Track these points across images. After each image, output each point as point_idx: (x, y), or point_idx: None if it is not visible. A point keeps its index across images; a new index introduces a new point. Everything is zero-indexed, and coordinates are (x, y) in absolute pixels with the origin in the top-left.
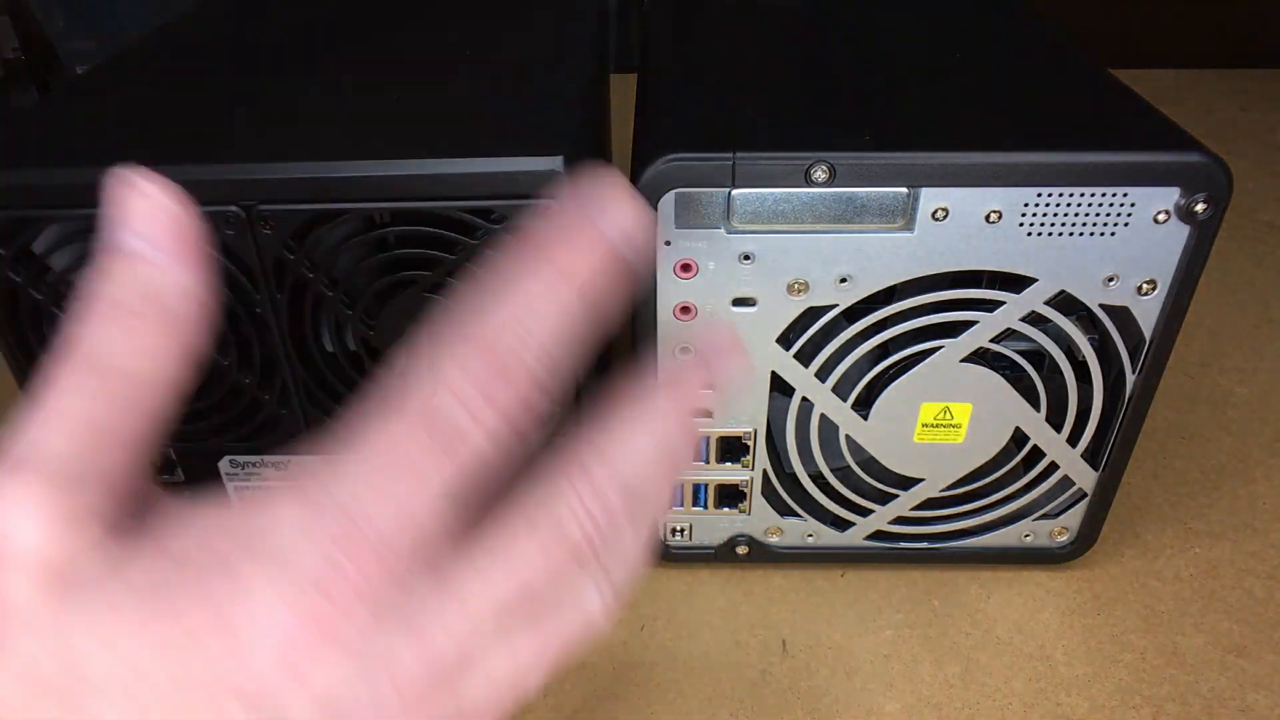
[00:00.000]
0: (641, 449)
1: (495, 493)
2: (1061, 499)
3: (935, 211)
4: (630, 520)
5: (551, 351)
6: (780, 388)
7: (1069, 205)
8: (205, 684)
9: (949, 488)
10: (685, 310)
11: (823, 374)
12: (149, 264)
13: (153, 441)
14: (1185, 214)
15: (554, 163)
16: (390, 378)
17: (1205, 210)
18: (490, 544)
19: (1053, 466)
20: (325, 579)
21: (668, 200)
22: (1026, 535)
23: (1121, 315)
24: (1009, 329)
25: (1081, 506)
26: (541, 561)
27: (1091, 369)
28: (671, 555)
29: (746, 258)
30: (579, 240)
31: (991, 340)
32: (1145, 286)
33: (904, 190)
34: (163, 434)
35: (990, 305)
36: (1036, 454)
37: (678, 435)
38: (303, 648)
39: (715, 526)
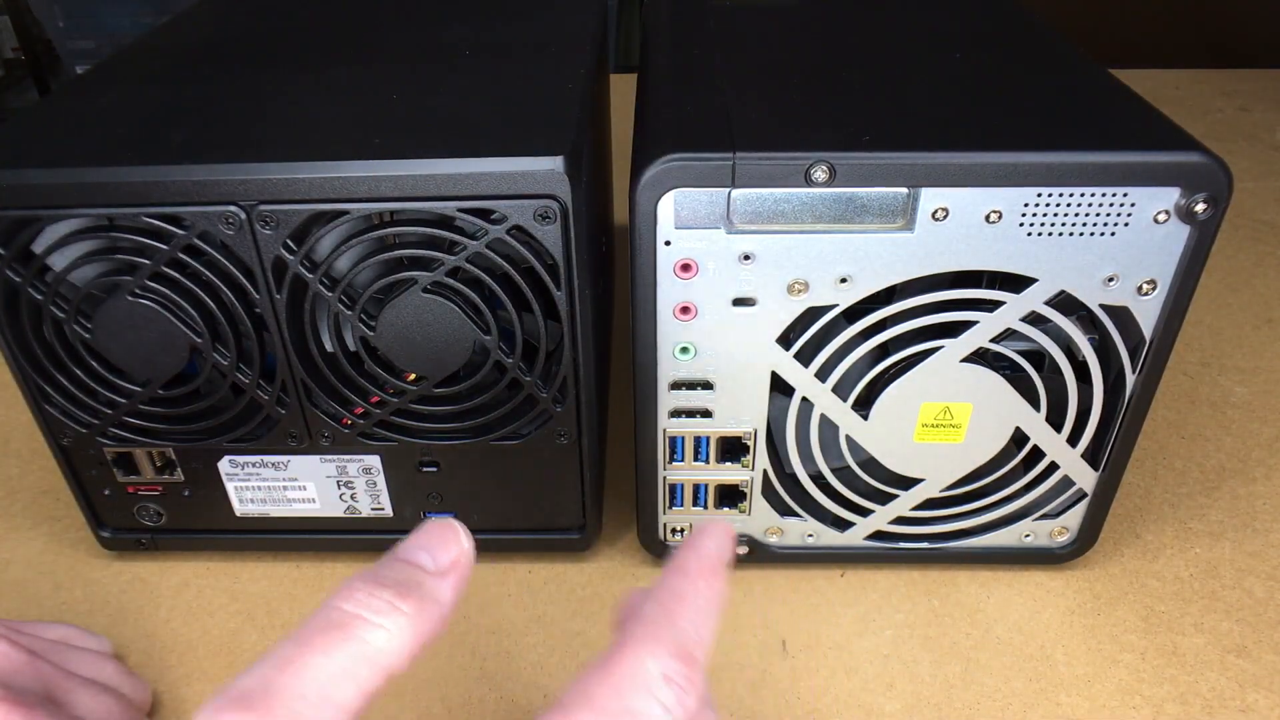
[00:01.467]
0: (693, 619)
1: None
2: (1061, 499)
3: (935, 211)
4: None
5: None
6: (780, 388)
7: (1069, 205)
8: None
9: (949, 488)
10: (685, 310)
11: (823, 374)
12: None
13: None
14: (1185, 214)
15: (554, 163)
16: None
17: (1205, 210)
18: None
19: (1053, 466)
20: None
21: (668, 200)
22: (1026, 535)
23: (1121, 315)
24: (1009, 329)
25: (1081, 506)
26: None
27: (1091, 369)
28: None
29: (746, 258)
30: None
31: (991, 340)
32: (1145, 286)
33: (904, 190)
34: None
35: (990, 305)
36: (1036, 454)
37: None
38: None
39: None
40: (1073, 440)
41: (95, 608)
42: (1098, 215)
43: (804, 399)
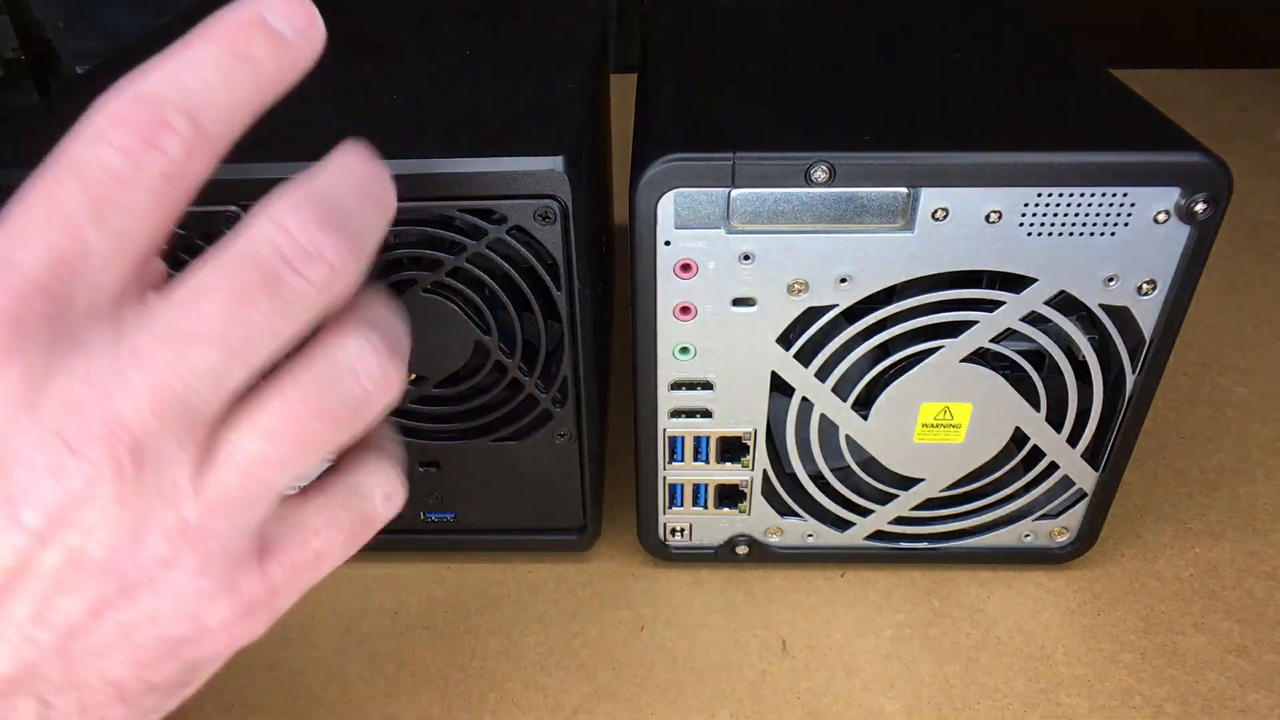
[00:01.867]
0: (332, 171)
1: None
2: (1061, 499)
3: (935, 211)
4: (345, 236)
5: (203, 99)
6: (780, 388)
7: (1069, 205)
8: None
9: (949, 488)
10: (685, 310)
11: (823, 374)
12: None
13: None
14: (1185, 214)
15: (554, 163)
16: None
17: (1205, 210)
18: (172, 284)
19: (1053, 466)
20: None
21: (668, 200)
22: (1026, 535)
23: (1121, 315)
24: (1009, 329)
25: (1081, 506)
26: (230, 283)
27: (1091, 369)
28: (671, 555)
29: (746, 258)
30: (239, 15)
31: (991, 340)
32: (1145, 286)
33: (904, 190)
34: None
35: (990, 305)
36: (1036, 454)
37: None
38: None
39: (715, 526)
40: (1073, 440)
41: None
42: (1098, 215)
43: (804, 399)
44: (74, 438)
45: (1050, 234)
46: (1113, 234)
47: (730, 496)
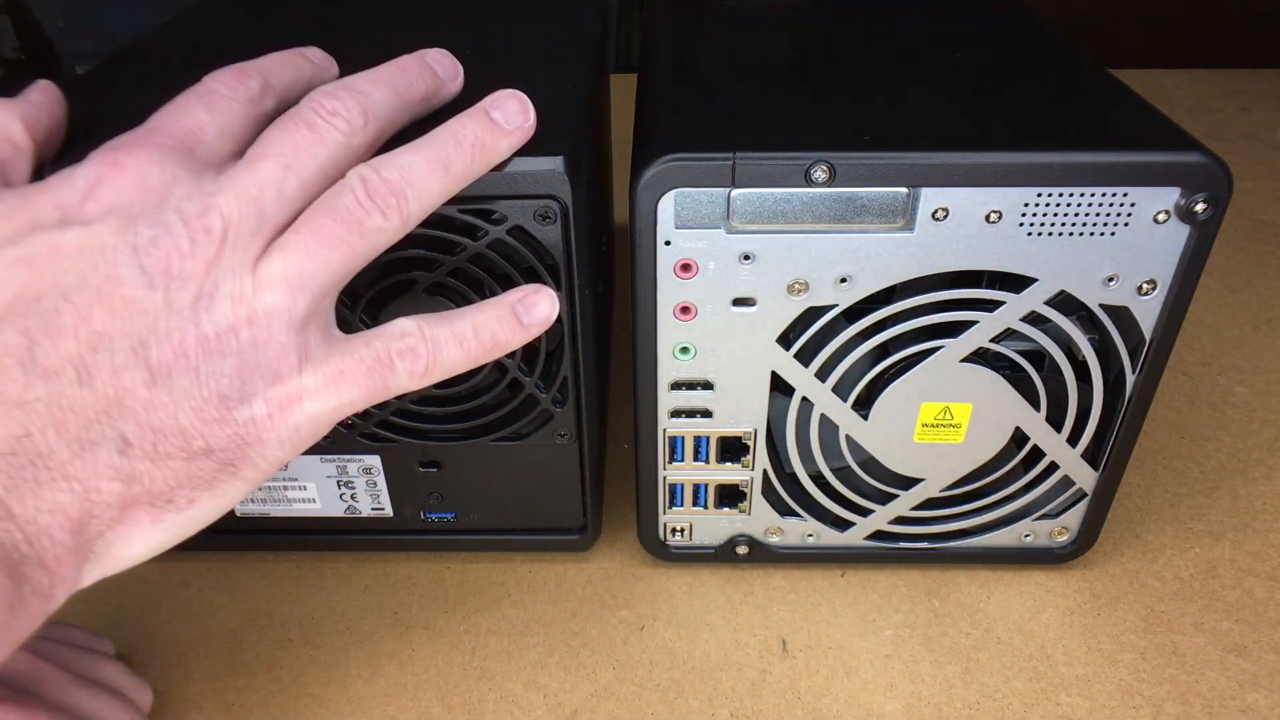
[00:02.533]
0: (360, 77)
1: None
2: (1061, 499)
3: (935, 211)
4: (365, 102)
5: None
6: (780, 388)
7: (1069, 205)
8: (35, 227)
9: (949, 488)
10: (685, 310)
11: (823, 374)
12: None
13: None
14: (1185, 214)
15: (554, 163)
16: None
17: (1205, 210)
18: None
19: (1053, 466)
20: (121, 144)
21: (668, 200)
22: (1026, 535)
23: (1121, 315)
24: (1009, 329)
25: (1081, 506)
26: (285, 136)
27: (1091, 369)
28: (671, 555)
29: (746, 258)
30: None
31: (991, 340)
32: (1145, 286)
33: (904, 190)
34: None
35: (990, 305)
36: (1036, 454)
37: (392, 73)
38: (101, 181)
39: (715, 526)
40: (1073, 440)
41: (95, 608)
42: (1098, 215)
43: (804, 399)
44: (187, 214)
45: (1050, 234)
46: (1113, 234)
47: (730, 496)
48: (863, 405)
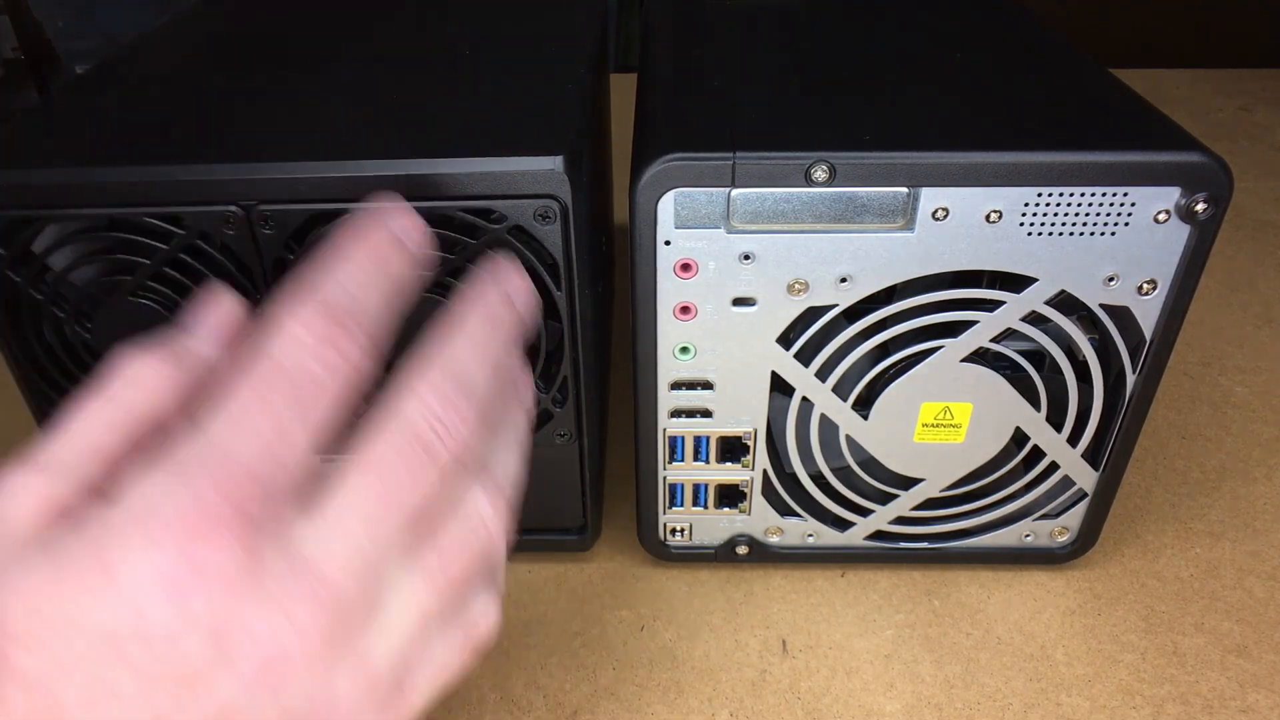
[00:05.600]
0: (460, 348)
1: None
2: (1062, 499)
3: (935, 211)
4: (476, 407)
5: (372, 310)
6: (780, 388)
7: (1069, 205)
8: (103, 629)
9: (949, 488)
10: (685, 310)
11: (823, 374)
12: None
13: None
14: (1185, 214)
15: (554, 163)
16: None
17: (1205, 210)
18: (346, 464)
19: (1053, 466)
20: (189, 514)
21: (668, 200)
22: (1027, 535)
23: (1122, 315)
24: (1009, 329)
25: (1082, 506)
26: (397, 458)
27: (1092, 369)
28: (671, 555)
29: (746, 258)
30: (376, 234)
31: (992, 340)
32: (1145, 286)
33: (904, 190)
34: None
35: (990, 305)
36: (1036, 454)
37: (488, 336)
38: (178, 581)
39: (715, 526)
40: (1073, 440)
41: None
42: (1098, 215)
43: (804, 399)
44: (287, 599)
45: (1050, 233)
46: (1113, 234)
47: (730, 496)
48: (863, 405)
